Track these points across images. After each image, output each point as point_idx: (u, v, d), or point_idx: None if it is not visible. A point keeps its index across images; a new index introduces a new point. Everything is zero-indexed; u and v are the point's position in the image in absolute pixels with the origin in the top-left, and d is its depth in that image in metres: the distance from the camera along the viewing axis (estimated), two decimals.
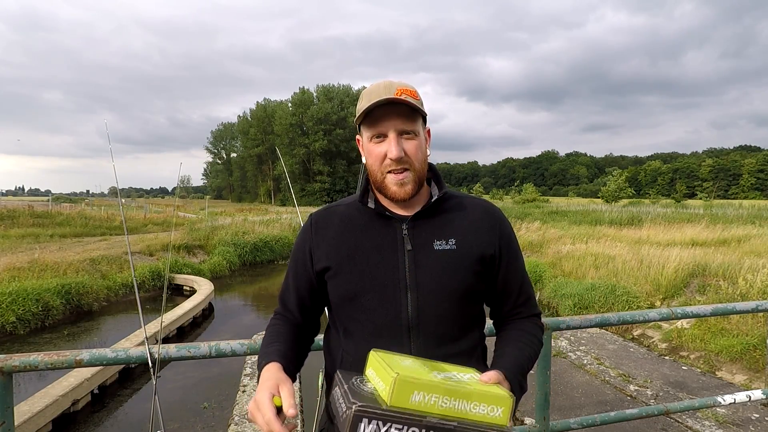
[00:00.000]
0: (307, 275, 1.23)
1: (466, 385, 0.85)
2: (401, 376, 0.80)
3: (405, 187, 1.13)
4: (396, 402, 0.79)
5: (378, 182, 1.16)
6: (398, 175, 1.12)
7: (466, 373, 0.94)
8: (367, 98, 1.12)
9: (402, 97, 1.09)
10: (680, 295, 8.23)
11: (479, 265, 1.17)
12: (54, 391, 5.27)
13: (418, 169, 1.15)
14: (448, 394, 0.82)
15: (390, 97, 1.08)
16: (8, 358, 1.67)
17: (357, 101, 1.18)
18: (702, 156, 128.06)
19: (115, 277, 11.94)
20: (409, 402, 0.80)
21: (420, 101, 1.14)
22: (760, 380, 5.23)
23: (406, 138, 1.13)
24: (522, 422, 4.11)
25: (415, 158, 1.13)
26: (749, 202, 43.96)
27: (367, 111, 1.11)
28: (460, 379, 0.88)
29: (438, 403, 0.81)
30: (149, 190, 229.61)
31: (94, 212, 28.21)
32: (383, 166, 1.13)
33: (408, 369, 0.86)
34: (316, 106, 68.78)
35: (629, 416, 2.58)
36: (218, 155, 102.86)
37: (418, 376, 0.82)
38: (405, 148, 1.12)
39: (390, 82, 1.14)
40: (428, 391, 0.81)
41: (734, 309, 2.74)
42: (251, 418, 0.93)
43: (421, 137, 1.16)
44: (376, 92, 1.11)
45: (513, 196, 53.42)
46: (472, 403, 0.83)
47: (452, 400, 0.82)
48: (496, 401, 0.84)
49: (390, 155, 1.11)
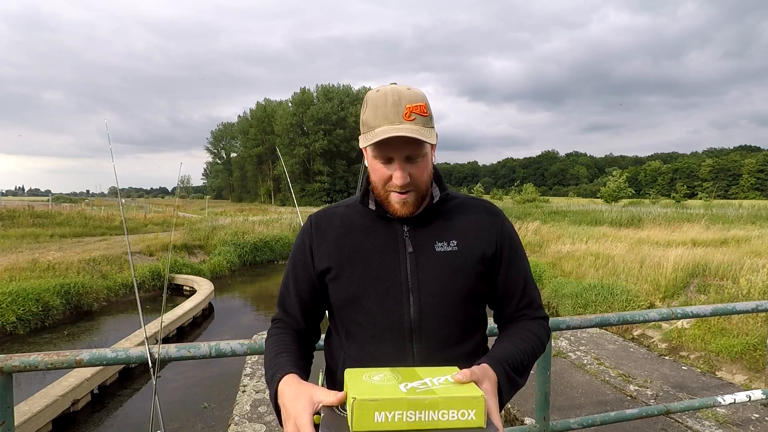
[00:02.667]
0: (308, 277, 1.21)
1: (432, 394, 0.82)
2: (358, 400, 0.79)
3: (407, 206, 1.11)
4: (359, 426, 0.79)
5: (381, 197, 1.14)
6: (402, 195, 1.10)
7: (443, 376, 0.91)
8: (373, 113, 1.05)
9: (411, 118, 1.03)
10: (680, 295, 8.23)
11: (481, 266, 1.16)
12: (54, 391, 5.27)
13: (423, 189, 1.13)
14: (412, 407, 0.80)
15: (399, 132, 1.01)
16: (8, 358, 1.67)
17: (357, 101, 1.15)
18: (702, 156, 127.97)
19: (115, 277, 11.94)
20: (373, 423, 0.79)
21: (429, 115, 1.08)
22: (760, 380, 5.23)
23: (413, 162, 1.08)
24: (522, 422, 4.11)
25: (421, 180, 1.10)
26: (749, 202, 43.98)
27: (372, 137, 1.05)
28: (430, 387, 0.85)
29: (404, 419, 0.79)
30: (149, 190, 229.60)
31: (94, 212, 28.22)
32: (387, 186, 1.10)
33: (371, 388, 0.84)
34: (316, 106, 68.70)
35: (629, 416, 2.58)
36: (218, 155, 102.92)
37: (378, 396, 0.80)
38: (411, 173, 1.08)
39: (398, 95, 1.05)
40: (390, 409, 0.79)
41: (734, 309, 2.74)
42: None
43: (428, 156, 1.12)
44: (383, 111, 1.04)
45: (513, 196, 53.34)
46: (439, 412, 0.80)
47: (418, 413, 0.80)
48: (465, 405, 0.81)
49: (396, 181, 1.07)
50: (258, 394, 4.79)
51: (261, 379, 5.15)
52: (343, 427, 0.81)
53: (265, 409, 4.45)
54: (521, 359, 1.10)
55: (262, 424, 4.16)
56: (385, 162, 1.08)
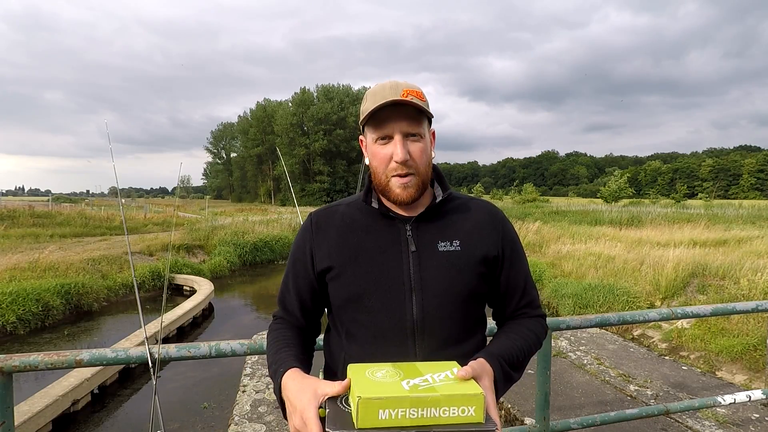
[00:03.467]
0: (308, 276, 1.21)
1: (434, 391, 0.85)
2: (363, 399, 0.81)
3: (408, 190, 1.12)
4: (364, 423, 0.81)
5: (382, 185, 1.15)
6: (403, 179, 1.11)
7: (443, 372, 0.93)
8: (372, 99, 1.11)
9: (408, 98, 1.08)
10: (680, 295, 8.23)
11: (483, 266, 1.17)
12: (54, 391, 5.27)
13: (423, 172, 1.14)
14: (415, 405, 0.83)
15: (396, 99, 1.07)
16: (8, 358, 1.67)
17: (357, 101, 1.17)
18: (702, 156, 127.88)
19: (115, 277, 11.94)
20: (377, 420, 0.81)
21: (426, 102, 1.13)
22: (760, 380, 5.23)
23: (412, 140, 1.11)
24: (522, 422, 4.11)
25: (420, 161, 1.13)
26: (749, 202, 43.97)
27: (372, 112, 1.09)
28: (431, 384, 0.88)
29: (407, 416, 0.82)
30: (149, 190, 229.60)
31: (94, 212, 28.19)
32: (388, 170, 1.12)
33: (375, 385, 0.86)
34: (316, 106, 68.69)
35: (629, 416, 2.58)
36: (218, 155, 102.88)
37: (382, 394, 0.83)
38: (410, 151, 1.11)
39: (396, 82, 1.12)
40: (394, 407, 0.82)
41: (734, 309, 2.74)
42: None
43: (427, 139, 1.15)
44: (381, 93, 1.09)
45: (513, 196, 53.35)
46: (441, 409, 0.83)
47: (420, 410, 0.83)
48: (465, 402, 0.84)
49: (395, 158, 1.09)
50: (258, 394, 4.79)
51: (261, 379, 5.15)
52: (348, 423, 0.83)
53: (265, 409, 4.46)
54: (517, 354, 1.12)
55: (262, 424, 4.16)
56: (383, 142, 1.11)
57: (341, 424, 0.82)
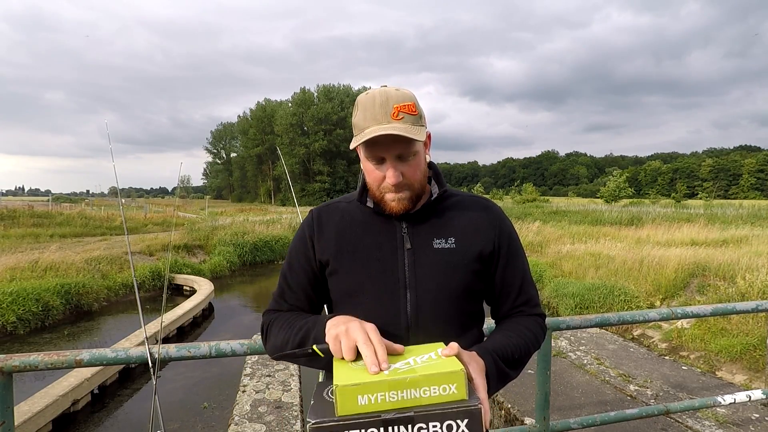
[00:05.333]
0: (309, 267, 1.22)
1: (413, 373, 0.85)
2: (340, 387, 0.82)
3: (402, 203, 1.12)
4: (344, 410, 0.82)
5: (376, 198, 1.16)
6: (396, 194, 1.12)
7: (427, 353, 0.94)
8: (363, 115, 1.07)
9: (400, 119, 1.05)
10: (680, 295, 8.23)
11: (478, 263, 1.17)
12: (54, 391, 5.27)
13: (417, 186, 1.14)
14: (393, 388, 0.83)
15: (389, 133, 1.03)
16: (8, 358, 1.67)
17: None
18: (702, 156, 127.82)
19: (115, 277, 11.95)
20: (357, 406, 0.82)
21: (419, 114, 1.09)
22: (760, 380, 5.23)
23: (405, 161, 1.10)
24: (522, 422, 4.11)
25: (414, 178, 1.12)
26: (749, 202, 44.00)
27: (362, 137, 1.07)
28: (412, 365, 0.88)
29: (386, 399, 0.82)
30: (149, 190, 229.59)
31: (94, 212, 28.22)
32: (382, 187, 1.12)
33: (354, 372, 0.87)
34: (316, 106, 68.75)
35: (629, 416, 2.58)
36: (218, 155, 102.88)
37: (359, 380, 0.83)
38: (403, 172, 1.10)
39: (386, 96, 1.07)
40: (372, 391, 0.82)
41: (734, 309, 2.74)
42: (341, 343, 0.95)
43: (420, 153, 1.13)
44: (372, 113, 1.06)
45: (513, 196, 53.34)
46: (421, 389, 0.83)
47: (400, 392, 0.83)
48: (445, 380, 0.84)
49: (389, 181, 1.09)
50: (258, 394, 4.79)
51: (261, 379, 5.15)
52: (329, 411, 0.83)
53: (265, 409, 4.46)
54: (512, 352, 1.11)
55: (262, 424, 4.16)
56: (377, 163, 1.11)
57: (322, 414, 0.83)
